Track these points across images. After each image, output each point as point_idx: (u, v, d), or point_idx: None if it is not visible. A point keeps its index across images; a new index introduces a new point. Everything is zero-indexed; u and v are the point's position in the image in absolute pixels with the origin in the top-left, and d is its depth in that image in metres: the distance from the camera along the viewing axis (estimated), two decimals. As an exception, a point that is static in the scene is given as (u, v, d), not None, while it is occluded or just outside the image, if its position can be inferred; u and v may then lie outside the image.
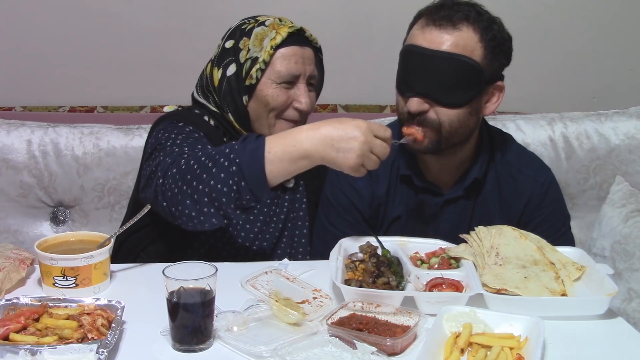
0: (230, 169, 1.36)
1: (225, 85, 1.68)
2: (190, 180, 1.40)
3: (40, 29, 2.53)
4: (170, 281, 1.17)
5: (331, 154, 1.36)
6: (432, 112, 1.54)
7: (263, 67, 1.64)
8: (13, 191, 2.14)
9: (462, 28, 1.52)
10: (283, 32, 1.64)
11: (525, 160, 1.73)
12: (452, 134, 1.56)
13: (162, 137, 1.59)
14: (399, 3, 1.67)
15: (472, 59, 1.52)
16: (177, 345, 1.18)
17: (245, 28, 1.69)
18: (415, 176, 1.67)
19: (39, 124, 2.19)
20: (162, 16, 2.55)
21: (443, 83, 1.52)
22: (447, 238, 1.56)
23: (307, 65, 1.68)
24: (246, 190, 1.36)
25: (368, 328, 1.20)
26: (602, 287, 1.33)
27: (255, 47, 1.65)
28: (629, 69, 2.77)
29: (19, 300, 1.24)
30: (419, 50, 1.53)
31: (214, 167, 1.38)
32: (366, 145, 1.36)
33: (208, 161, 1.40)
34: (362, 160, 1.37)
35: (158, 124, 1.69)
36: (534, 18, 2.66)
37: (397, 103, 1.62)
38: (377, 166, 1.40)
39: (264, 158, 1.35)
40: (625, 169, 2.22)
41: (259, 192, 1.38)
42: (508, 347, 1.16)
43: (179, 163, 1.44)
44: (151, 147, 1.61)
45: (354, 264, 1.46)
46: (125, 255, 1.69)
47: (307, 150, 1.36)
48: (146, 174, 1.56)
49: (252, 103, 1.67)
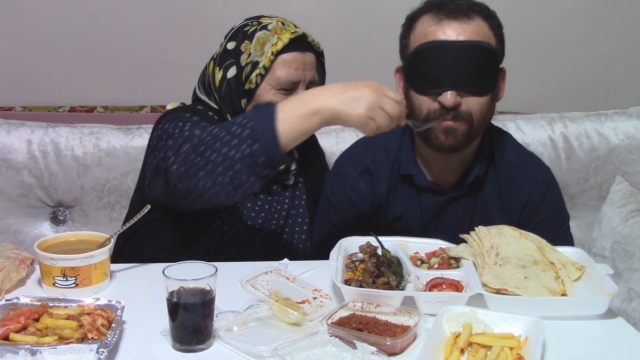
0: (243, 133, 1.35)
1: (225, 87, 1.68)
2: (203, 151, 1.37)
3: (40, 29, 2.53)
4: (170, 281, 1.17)
5: (341, 106, 1.34)
6: (465, 103, 1.54)
7: (263, 73, 1.64)
8: (13, 191, 2.14)
9: (474, 17, 1.54)
10: (285, 38, 1.64)
11: (525, 160, 1.74)
12: (481, 123, 1.58)
13: (168, 128, 1.58)
14: (399, 3, 1.67)
15: (492, 45, 1.55)
16: (177, 345, 1.18)
17: (248, 30, 1.68)
18: (416, 176, 1.67)
19: (39, 124, 2.19)
20: (162, 16, 2.56)
21: (472, 72, 1.52)
22: (447, 236, 1.56)
23: (308, 71, 1.67)
24: (259, 152, 1.33)
25: (368, 328, 1.20)
26: (602, 287, 1.33)
27: (256, 52, 1.65)
28: (629, 69, 2.77)
29: (19, 300, 1.24)
30: (442, 44, 1.53)
31: (226, 136, 1.37)
32: (376, 98, 1.34)
33: (221, 131, 1.38)
34: (371, 112, 1.34)
35: (163, 117, 1.68)
36: (534, 18, 2.66)
37: (418, 104, 1.57)
38: (388, 125, 1.36)
39: (276, 118, 1.34)
40: (625, 169, 2.22)
41: (272, 153, 1.34)
42: (508, 347, 1.16)
43: (192, 139, 1.42)
44: (157, 139, 1.59)
45: (354, 264, 1.46)
46: (132, 249, 1.70)
47: (318, 104, 1.35)
48: (154, 163, 1.55)
49: (251, 107, 1.67)
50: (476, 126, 1.57)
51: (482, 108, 1.56)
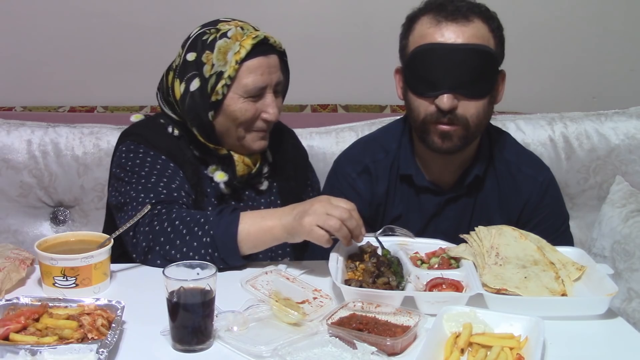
0: (203, 239, 1.46)
1: (189, 100, 1.63)
2: (163, 243, 1.49)
3: (41, 29, 2.53)
4: (170, 281, 1.17)
5: (294, 224, 1.41)
6: (461, 107, 1.54)
7: (229, 83, 1.60)
8: (13, 191, 2.14)
9: (474, 20, 1.54)
10: (247, 45, 1.59)
11: (524, 159, 1.74)
12: (477, 126, 1.57)
13: (125, 164, 1.62)
14: (399, 3, 1.67)
15: (491, 48, 1.54)
16: (177, 345, 1.18)
17: (207, 39, 1.62)
18: (416, 176, 1.67)
19: (39, 124, 2.19)
20: (162, 16, 2.55)
21: (469, 75, 1.52)
22: (447, 236, 1.56)
23: (273, 74, 1.64)
24: (218, 260, 1.45)
25: (368, 328, 1.20)
26: (602, 287, 1.33)
27: (219, 62, 1.59)
28: (629, 69, 2.77)
29: (19, 300, 1.24)
30: (441, 46, 1.52)
31: (187, 235, 1.47)
32: (322, 207, 1.40)
33: (182, 227, 1.48)
34: (318, 219, 1.38)
35: (121, 141, 1.69)
36: (534, 18, 2.66)
37: (415, 106, 1.58)
38: (338, 228, 1.39)
39: (237, 234, 1.45)
40: (625, 169, 2.22)
41: (231, 262, 1.47)
42: (508, 347, 1.16)
43: (152, 223, 1.50)
44: (118, 169, 1.64)
45: (354, 264, 1.46)
46: (127, 255, 1.69)
47: (277, 235, 1.45)
48: (114, 201, 1.63)
49: (220, 118, 1.63)
50: (473, 130, 1.57)
51: (479, 111, 1.55)
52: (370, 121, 2.25)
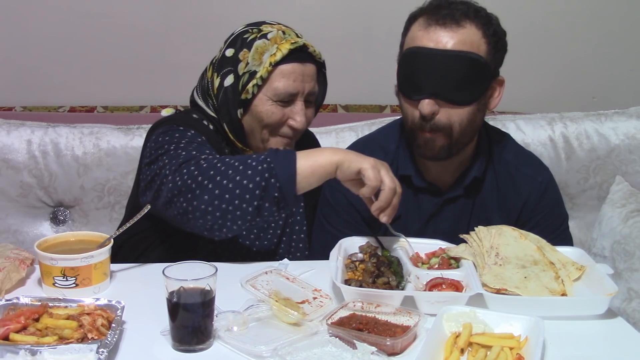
0: (260, 166, 1.41)
1: (222, 95, 1.65)
2: (212, 175, 1.42)
3: (41, 29, 2.53)
4: (170, 281, 1.17)
5: (352, 156, 1.44)
6: (443, 113, 1.52)
7: (260, 83, 1.61)
8: (13, 191, 2.14)
9: (465, 25, 1.51)
10: (284, 48, 1.59)
11: (523, 159, 1.73)
12: (462, 134, 1.56)
13: (163, 141, 1.57)
14: (399, 3, 1.67)
15: (479, 55, 1.52)
16: (177, 345, 1.18)
17: (247, 38, 1.64)
18: (414, 176, 1.67)
19: (39, 124, 2.19)
20: (162, 16, 2.55)
21: (453, 82, 1.51)
22: (446, 237, 1.56)
23: (307, 82, 1.64)
24: (274, 187, 1.39)
25: (368, 328, 1.20)
26: (602, 287, 1.33)
27: (254, 61, 1.61)
28: (629, 69, 2.77)
29: (19, 300, 1.24)
30: (425, 51, 1.51)
31: (241, 165, 1.42)
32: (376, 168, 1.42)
33: (234, 161, 1.44)
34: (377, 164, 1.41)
35: (156, 128, 1.66)
36: (534, 18, 2.66)
37: (404, 108, 1.59)
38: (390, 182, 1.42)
39: (296, 160, 1.41)
40: (625, 169, 2.22)
41: (287, 190, 1.40)
42: (508, 347, 1.16)
43: (198, 160, 1.46)
44: (152, 151, 1.59)
45: (354, 264, 1.46)
46: (124, 257, 1.69)
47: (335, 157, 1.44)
48: (147, 178, 1.55)
49: (247, 117, 1.65)
50: (456, 137, 1.55)
51: (463, 119, 1.54)
52: (370, 121, 2.25)
